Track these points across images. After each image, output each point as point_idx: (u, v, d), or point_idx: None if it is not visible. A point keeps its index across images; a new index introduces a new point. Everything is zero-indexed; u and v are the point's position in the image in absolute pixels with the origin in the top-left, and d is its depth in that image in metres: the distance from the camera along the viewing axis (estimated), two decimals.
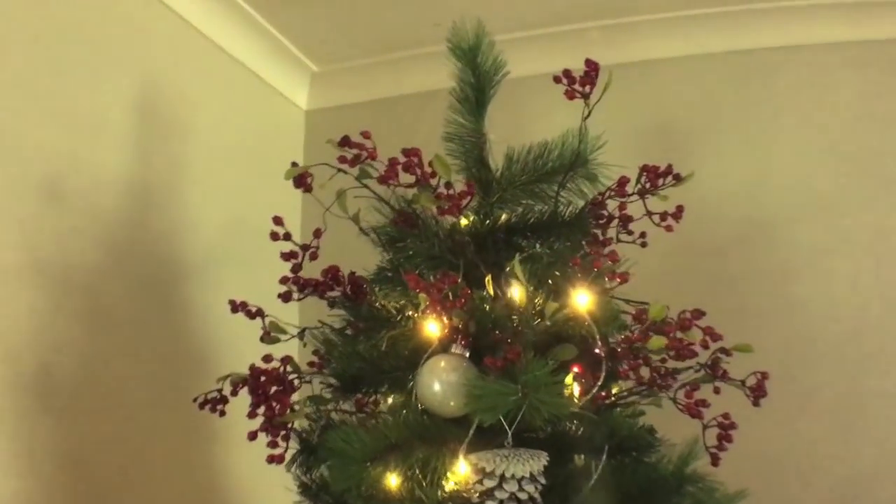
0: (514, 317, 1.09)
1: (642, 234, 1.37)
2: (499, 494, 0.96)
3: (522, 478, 0.97)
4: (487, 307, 1.12)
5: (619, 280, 1.14)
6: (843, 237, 2.34)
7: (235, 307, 1.27)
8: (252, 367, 1.27)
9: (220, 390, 1.32)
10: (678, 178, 1.28)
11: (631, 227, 1.38)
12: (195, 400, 1.33)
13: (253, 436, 1.14)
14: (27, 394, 1.62)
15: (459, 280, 1.06)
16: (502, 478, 0.97)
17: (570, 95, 1.18)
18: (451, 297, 1.03)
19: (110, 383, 1.85)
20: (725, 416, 1.25)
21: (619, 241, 1.33)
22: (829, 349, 2.28)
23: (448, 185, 1.16)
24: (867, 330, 2.27)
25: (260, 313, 1.28)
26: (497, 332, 1.07)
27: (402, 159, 1.13)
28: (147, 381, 1.96)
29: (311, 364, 1.29)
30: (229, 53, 2.40)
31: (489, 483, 0.97)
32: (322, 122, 2.78)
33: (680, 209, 1.28)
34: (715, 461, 1.23)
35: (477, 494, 0.99)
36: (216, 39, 2.32)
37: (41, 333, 1.67)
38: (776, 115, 2.45)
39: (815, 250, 2.34)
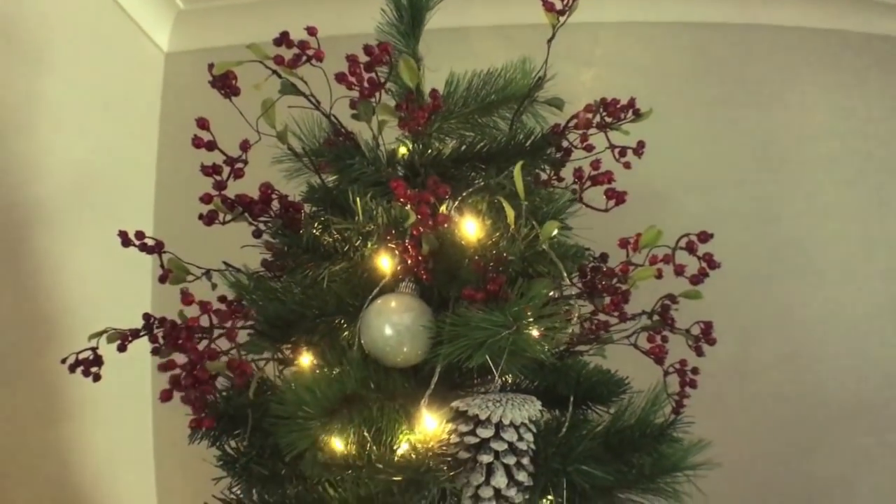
0: (494, 245, 0.93)
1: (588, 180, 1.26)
2: (496, 445, 0.81)
3: (521, 424, 0.82)
4: (455, 234, 0.96)
5: (615, 200, 1.03)
6: (727, 214, 2.40)
7: (128, 240, 1.02)
8: (147, 316, 1.04)
9: (94, 349, 1.07)
10: (638, 114, 1.19)
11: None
12: (64, 361, 1.07)
13: (167, 395, 0.90)
14: None
15: (448, 191, 0.89)
16: (499, 425, 0.81)
17: (549, 7, 1.04)
18: (436, 213, 0.86)
19: None
20: (683, 362, 1.16)
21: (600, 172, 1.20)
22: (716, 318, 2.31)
23: (409, 94, 0.99)
24: (750, 297, 2.34)
25: (159, 247, 1.04)
26: (476, 260, 0.90)
27: (364, 57, 0.94)
28: (4, 344, 1.65)
29: (217, 312, 1.06)
30: None
31: (484, 433, 0.81)
32: (183, 66, 2.48)
33: (641, 144, 1.18)
34: (678, 408, 1.15)
35: (465, 448, 0.83)
36: None
37: None
38: (663, 86, 2.46)
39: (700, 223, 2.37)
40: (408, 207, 0.86)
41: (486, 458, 0.82)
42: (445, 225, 0.89)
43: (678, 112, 2.44)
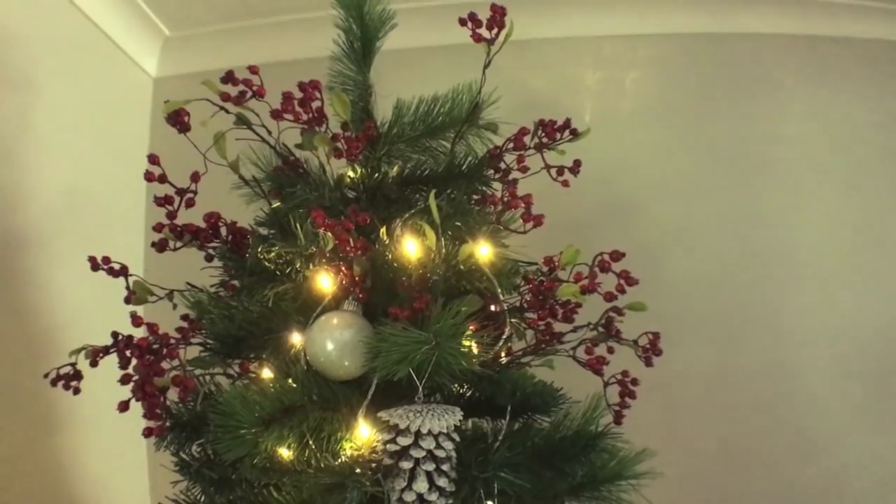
0: (419, 265, 1.00)
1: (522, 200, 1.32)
2: (415, 453, 0.88)
3: (440, 433, 0.89)
4: (389, 255, 1.03)
5: (533, 223, 1.09)
6: (703, 218, 2.43)
7: (96, 264, 1.10)
8: (114, 334, 1.11)
9: (73, 364, 1.14)
10: (575, 133, 1.25)
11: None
12: (46, 376, 1.15)
13: (124, 406, 0.98)
14: None
15: (368, 220, 0.96)
16: (418, 434, 0.88)
17: (477, 39, 1.11)
18: (357, 239, 0.92)
19: None
20: (625, 373, 1.22)
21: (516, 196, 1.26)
22: (688, 324, 2.35)
23: (345, 125, 1.06)
24: (730, 304, 2.37)
25: (124, 271, 1.12)
26: (403, 280, 0.97)
27: (297, 94, 1.02)
28: None
29: (179, 330, 1.13)
30: (80, 8, 2.16)
31: (404, 441, 0.88)
32: (171, 91, 2.56)
33: (577, 163, 1.25)
34: (618, 419, 1.20)
35: (388, 455, 0.90)
36: None
37: None
38: (634, 99, 2.51)
39: (674, 227, 2.41)
40: (328, 234, 0.93)
41: (406, 465, 0.89)
42: (364, 250, 0.95)
43: (656, 121, 2.50)
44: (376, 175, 1.23)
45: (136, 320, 1.03)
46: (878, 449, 2.32)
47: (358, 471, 0.89)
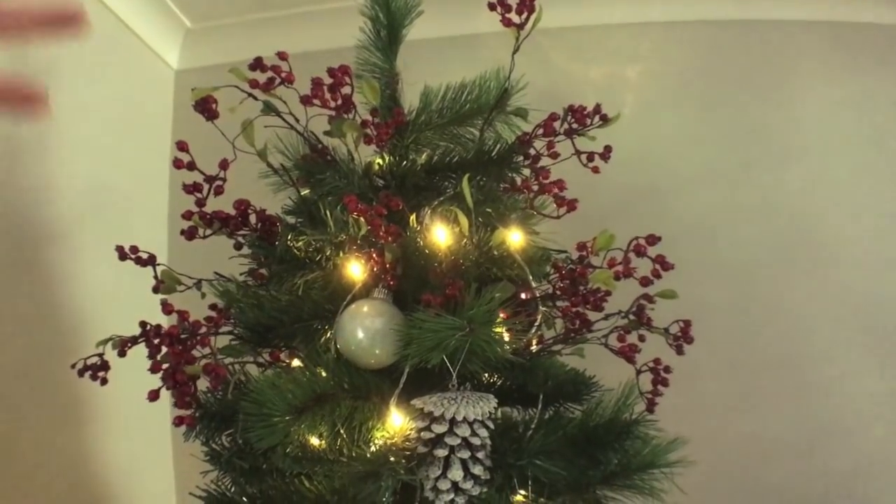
0: (452, 252, 0.99)
1: (554, 185, 1.30)
2: (450, 440, 0.87)
3: (475, 421, 0.88)
4: (420, 242, 1.02)
5: (566, 207, 1.07)
6: (728, 205, 2.40)
7: (124, 254, 1.10)
8: (142, 324, 1.11)
9: (101, 355, 1.14)
10: (605, 119, 1.23)
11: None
12: (73, 366, 1.15)
13: (154, 395, 0.98)
14: None
15: (401, 205, 0.95)
16: (453, 422, 0.87)
17: (507, 23, 1.10)
18: (390, 224, 0.91)
19: None
20: (657, 361, 1.21)
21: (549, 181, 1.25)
22: (717, 313, 2.33)
23: (374, 111, 1.05)
24: (755, 291, 2.35)
25: (152, 260, 1.11)
26: (434, 267, 0.96)
27: (327, 80, 1.01)
28: (24, 352, 1.73)
29: (208, 319, 1.13)
30: (104, 1, 2.16)
31: (439, 428, 0.87)
32: (193, 83, 2.56)
33: (608, 149, 1.23)
34: (651, 406, 1.19)
35: (423, 443, 0.89)
36: None
37: None
38: (663, 87, 2.49)
39: (701, 216, 2.39)
40: (361, 220, 0.92)
41: (441, 453, 0.88)
42: (396, 236, 0.94)
43: (678, 109, 2.48)
44: (404, 163, 1.22)
45: (166, 308, 1.03)
46: None
47: (392, 459, 0.88)
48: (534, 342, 1.17)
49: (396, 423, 0.97)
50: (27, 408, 1.75)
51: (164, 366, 0.96)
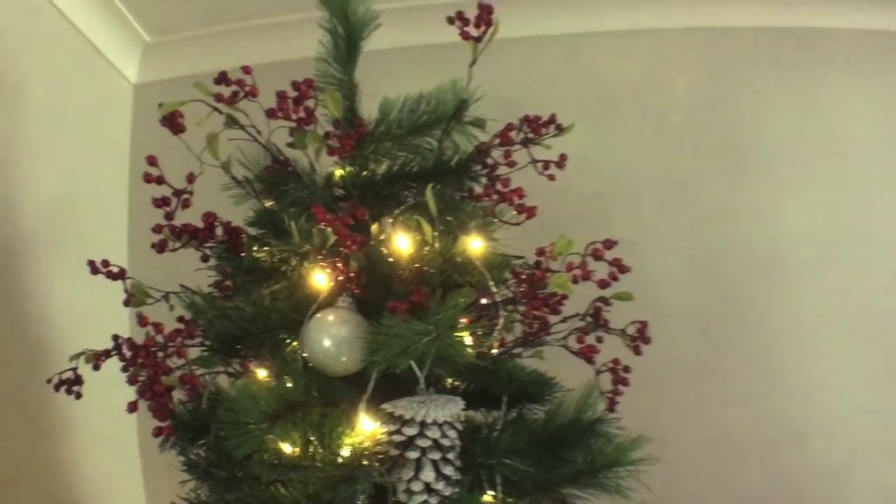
0: (416, 259, 1.02)
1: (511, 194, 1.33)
2: (421, 442, 0.90)
3: (444, 423, 0.91)
4: (384, 250, 1.05)
5: (526, 214, 1.11)
6: (679, 212, 2.47)
7: (96, 268, 1.11)
8: (115, 337, 1.12)
9: (74, 369, 1.15)
10: (560, 128, 1.28)
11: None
12: (49, 381, 1.16)
13: (133, 407, 1.00)
14: None
15: (367, 215, 0.98)
16: (423, 424, 0.90)
17: (465, 36, 1.14)
18: (356, 235, 0.94)
19: None
20: (616, 361, 1.25)
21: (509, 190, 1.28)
22: (671, 318, 2.36)
23: (336, 123, 1.08)
24: (715, 298, 2.42)
25: (122, 274, 1.13)
26: (399, 274, 0.99)
27: (292, 92, 1.03)
28: None
29: (176, 331, 1.14)
30: (64, 14, 2.16)
31: (409, 431, 0.90)
32: (152, 96, 2.56)
33: (563, 157, 1.27)
34: (611, 406, 1.23)
35: (394, 445, 0.92)
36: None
37: None
38: (613, 97, 2.55)
39: (651, 224, 2.46)
40: (327, 230, 0.95)
41: (413, 455, 0.91)
42: (361, 245, 0.97)
43: (639, 116, 2.54)
44: (365, 172, 1.25)
45: (142, 321, 1.05)
46: (873, 440, 2.37)
47: (365, 462, 0.91)
48: (495, 346, 1.21)
49: (366, 428, 1.00)
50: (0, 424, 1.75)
51: (141, 377, 0.97)
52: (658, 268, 2.41)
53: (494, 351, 1.21)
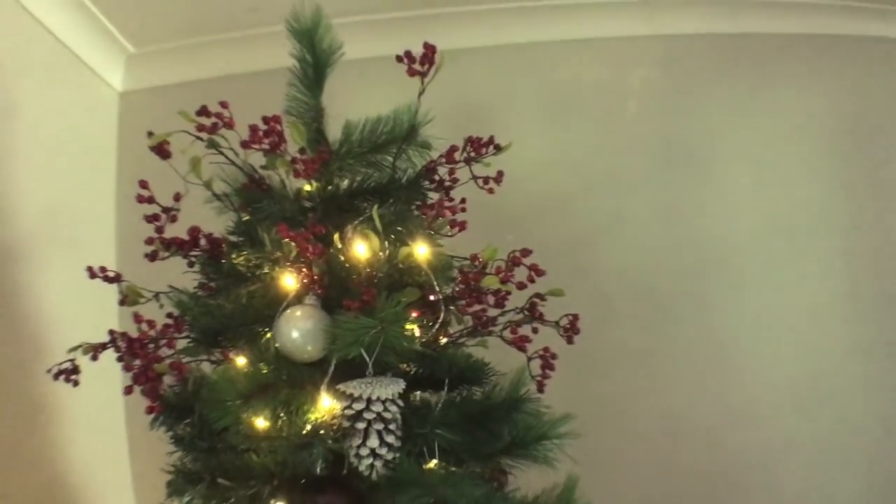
0: (367, 265, 1.23)
1: (462, 200, 1.54)
2: (367, 415, 1.11)
3: (387, 399, 1.11)
4: (342, 257, 1.25)
5: (458, 228, 1.32)
6: (632, 209, 2.65)
7: (94, 273, 1.31)
8: (112, 332, 1.32)
9: (72, 360, 1.35)
10: (498, 148, 1.47)
11: (452, 194, 1.55)
12: (49, 371, 1.35)
13: (128, 390, 1.21)
14: None
15: (322, 231, 1.18)
16: (369, 400, 1.11)
17: (412, 73, 1.33)
18: (315, 246, 1.14)
19: None
20: (546, 349, 1.45)
21: (443, 206, 1.48)
22: (624, 307, 2.60)
23: (302, 150, 1.28)
24: (661, 288, 2.61)
25: (118, 278, 1.33)
26: (353, 278, 1.20)
27: (262, 126, 1.23)
28: None
29: (166, 326, 1.35)
30: (49, 29, 2.32)
31: (358, 406, 1.11)
32: (136, 104, 2.74)
33: (500, 174, 1.47)
34: (540, 388, 1.43)
35: (346, 418, 1.12)
36: (36, 13, 2.25)
37: None
38: (571, 100, 2.74)
39: (606, 220, 2.65)
40: (291, 243, 1.15)
41: (360, 426, 1.12)
42: (320, 254, 1.17)
43: (590, 121, 2.73)
44: (329, 187, 1.44)
45: (137, 318, 1.25)
46: (812, 424, 2.56)
47: (322, 433, 1.12)
48: (442, 336, 1.41)
49: (326, 406, 1.20)
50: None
51: (136, 365, 1.18)
52: (613, 260, 2.61)
53: (444, 340, 1.43)
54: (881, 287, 2.67)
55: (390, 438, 1.13)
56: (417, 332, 1.32)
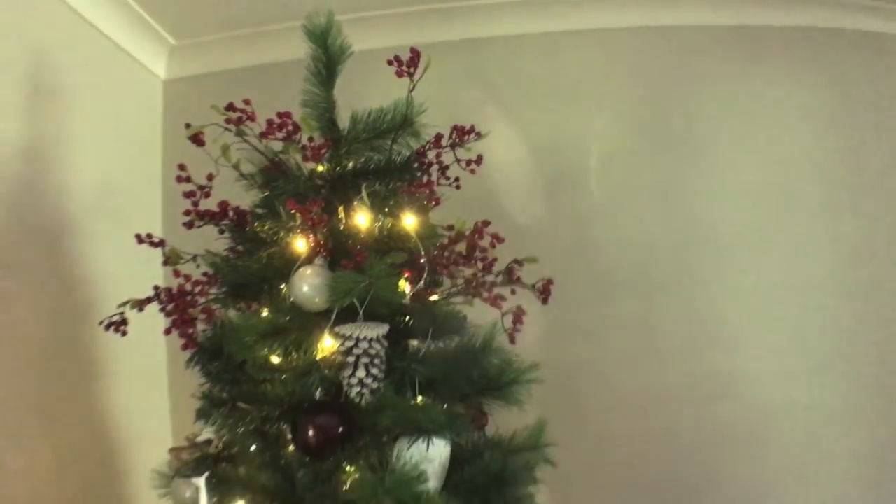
0: (364, 232, 1.51)
1: (457, 179, 1.81)
2: (356, 351, 1.39)
3: (372, 339, 1.40)
4: (342, 226, 1.54)
5: (434, 203, 1.59)
6: (634, 188, 2.86)
7: (141, 239, 1.61)
8: (156, 287, 1.62)
9: (121, 314, 1.65)
10: (479, 135, 1.73)
11: (449, 174, 1.82)
12: (100, 323, 1.65)
13: (168, 331, 1.52)
14: None
15: (323, 205, 1.46)
16: (358, 339, 1.39)
17: (400, 74, 1.60)
18: (318, 216, 1.43)
19: (18, 325, 2.13)
20: (519, 307, 1.72)
21: (439, 183, 1.75)
22: (620, 280, 2.82)
23: (311, 139, 1.56)
24: (654, 264, 2.81)
25: (162, 242, 1.63)
26: (350, 243, 1.49)
27: (277, 120, 1.52)
28: (45, 321, 2.25)
29: (201, 281, 1.65)
30: (99, 29, 2.64)
31: (349, 343, 1.39)
32: (179, 91, 3.05)
33: (480, 158, 1.73)
34: (512, 339, 1.70)
35: (341, 354, 1.41)
36: (86, 14, 2.57)
37: None
38: (574, 87, 2.96)
39: (607, 199, 2.86)
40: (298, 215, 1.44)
41: (350, 359, 1.40)
42: (322, 224, 1.46)
43: (591, 105, 2.94)
44: (338, 168, 1.72)
45: (176, 273, 1.56)
46: (797, 395, 2.71)
47: (321, 365, 1.41)
48: (431, 294, 1.69)
49: (328, 345, 1.49)
50: (53, 368, 2.27)
51: (175, 315, 1.48)
52: (611, 237, 2.83)
53: (434, 298, 1.70)
54: (865, 265, 2.83)
55: (374, 371, 1.41)
56: (408, 289, 1.61)
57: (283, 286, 1.60)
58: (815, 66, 2.97)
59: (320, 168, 1.71)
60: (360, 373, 1.40)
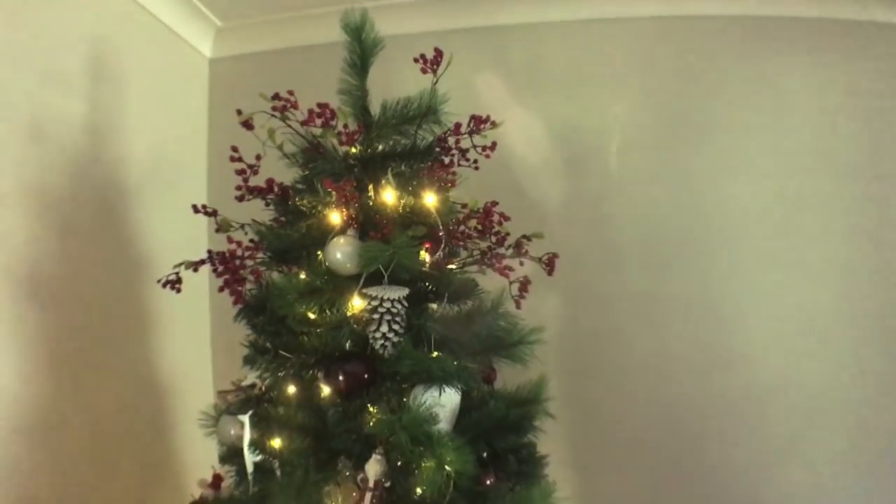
0: (391, 208, 1.76)
1: (475, 161, 2.03)
2: (380, 309, 1.64)
3: (394, 300, 1.65)
4: (371, 203, 1.79)
5: (450, 184, 1.83)
6: (649, 169, 3.01)
7: (197, 209, 1.87)
8: (209, 251, 1.88)
9: (177, 273, 1.90)
10: (494, 124, 1.95)
11: (469, 157, 2.03)
12: (158, 281, 1.90)
13: (221, 289, 1.78)
14: (20, 291, 2.16)
15: (355, 184, 1.71)
16: (382, 300, 1.64)
17: (424, 71, 1.82)
18: (351, 193, 1.68)
19: (79, 283, 2.41)
20: (525, 277, 1.95)
21: (460, 164, 1.98)
22: (631, 254, 2.98)
23: (346, 125, 1.80)
24: (666, 241, 2.97)
25: (215, 212, 1.89)
26: (377, 217, 1.73)
27: (317, 109, 1.76)
28: (107, 280, 2.54)
29: (249, 247, 1.90)
30: (152, 13, 2.90)
31: (374, 303, 1.64)
32: (224, 69, 3.30)
33: (494, 144, 1.95)
34: (517, 305, 1.94)
35: (367, 312, 1.66)
36: (140, 0, 2.82)
37: (28, 245, 2.20)
38: (593, 74, 3.12)
39: (622, 179, 3.02)
40: (333, 192, 1.68)
41: (376, 317, 1.65)
42: (353, 200, 1.70)
43: (607, 90, 3.09)
44: (368, 151, 1.96)
45: (229, 239, 1.82)
46: (801, 370, 2.82)
47: (351, 321, 1.67)
48: (449, 263, 1.93)
49: (357, 305, 1.74)
50: (109, 321, 2.54)
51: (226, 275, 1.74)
52: (621, 211, 3.00)
53: (451, 267, 1.94)
54: (877, 248, 2.90)
55: (396, 327, 1.66)
56: (428, 259, 1.84)
57: (319, 253, 1.84)
58: (829, 56, 3.03)
59: (353, 150, 1.94)
60: (384, 328, 1.65)
